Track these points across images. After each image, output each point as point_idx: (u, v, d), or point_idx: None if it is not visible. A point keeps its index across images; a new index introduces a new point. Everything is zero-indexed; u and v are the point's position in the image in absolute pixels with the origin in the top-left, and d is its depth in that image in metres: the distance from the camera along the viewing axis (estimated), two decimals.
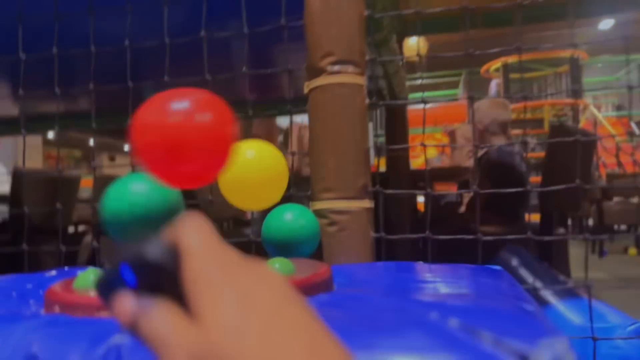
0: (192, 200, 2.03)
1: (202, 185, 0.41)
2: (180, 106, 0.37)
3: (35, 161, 5.23)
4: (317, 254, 0.72)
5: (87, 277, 0.46)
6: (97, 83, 0.98)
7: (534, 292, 1.13)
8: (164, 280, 0.24)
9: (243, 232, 2.30)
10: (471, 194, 2.22)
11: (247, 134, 2.43)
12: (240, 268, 0.24)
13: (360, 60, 0.72)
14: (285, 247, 0.67)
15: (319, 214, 0.72)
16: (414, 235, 0.75)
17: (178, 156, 0.38)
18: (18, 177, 2.32)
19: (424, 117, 0.81)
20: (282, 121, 2.82)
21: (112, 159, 7.84)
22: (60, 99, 1.03)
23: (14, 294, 0.52)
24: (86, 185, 2.99)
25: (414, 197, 2.43)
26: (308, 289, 0.44)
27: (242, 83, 1.72)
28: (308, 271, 0.49)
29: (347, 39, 0.71)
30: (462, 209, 2.26)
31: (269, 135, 2.54)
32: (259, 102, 1.99)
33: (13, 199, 2.36)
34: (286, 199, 0.76)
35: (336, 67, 0.71)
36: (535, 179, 3.34)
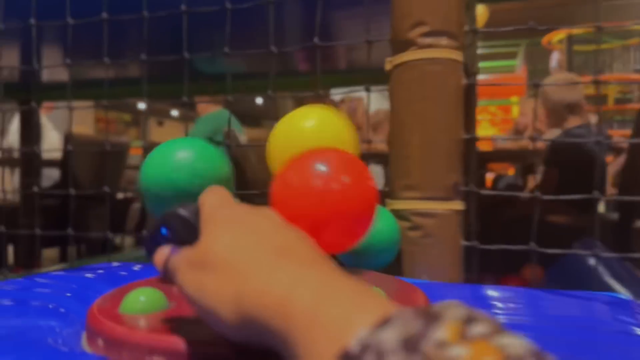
0: (242, 178, 1.96)
1: (345, 251, 0.37)
2: (325, 170, 0.34)
3: (86, 124, 5.31)
4: (394, 265, 0.62)
5: (136, 299, 0.38)
6: (150, 51, 0.90)
7: None
8: (192, 234, 0.30)
9: None
10: (537, 179, 2.06)
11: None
12: (242, 209, 0.29)
13: (458, 32, 0.60)
14: (359, 255, 0.57)
15: (398, 215, 0.61)
16: (514, 247, 0.63)
17: (324, 225, 0.34)
18: (69, 143, 2.31)
19: (535, 107, 0.68)
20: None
21: (160, 124, 7.94)
22: (111, 66, 0.96)
23: (50, 307, 0.44)
24: (135, 152, 2.98)
25: (483, 176, 2.29)
26: None
27: (297, 53, 1.61)
28: (403, 303, 0.39)
29: (445, 5, 0.59)
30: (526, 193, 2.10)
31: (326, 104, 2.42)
32: (311, 72, 1.88)
33: (64, 164, 2.37)
34: None
35: (428, 40, 0.59)
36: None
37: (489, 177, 3.15)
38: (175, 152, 0.41)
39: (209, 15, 0.77)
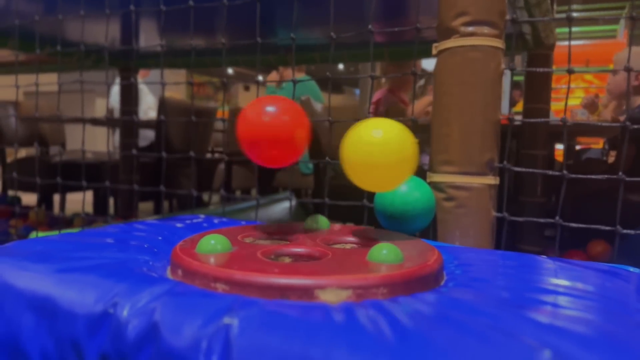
0: (317, 145, 2.07)
1: (283, 166, 0.60)
2: (270, 109, 0.57)
3: (179, 88, 5.65)
4: (429, 230, 0.70)
5: (208, 242, 0.49)
6: (233, 28, 1.01)
7: None
8: None
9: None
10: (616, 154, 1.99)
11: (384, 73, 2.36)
12: None
13: (499, 21, 0.65)
14: (397, 220, 0.66)
15: (436, 187, 0.69)
16: (541, 220, 0.69)
17: (268, 144, 0.57)
18: (163, 106, 2.53)
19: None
20: (428, 64, 2.65)
21: (246, 88, 8.22)
22: (199, 38, 1.08)
23: (145, 246, 0.57)
24: (221, 115, 3.18)
25: (552, 147, 2.24)
26: (413, 285, 0.43)
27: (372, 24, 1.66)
28: (416, 260, 0.47)
29: None
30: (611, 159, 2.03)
31: (405, 77, 2.44)
32: (390, 43, 1.91)
33: (158, 125, 2.59)
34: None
35: (470, 29, 0.64)
36: None
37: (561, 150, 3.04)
38: None
39: None
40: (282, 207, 1.71)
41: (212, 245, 0.49)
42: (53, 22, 1.12)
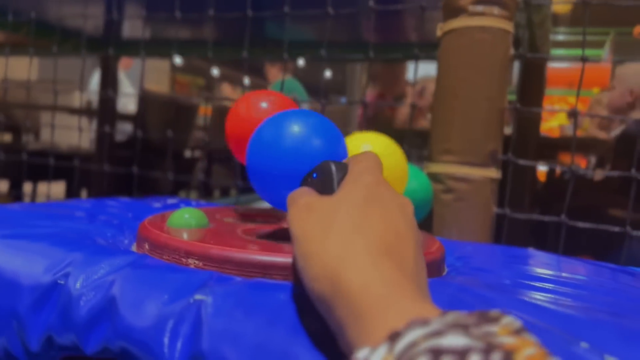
0: None
1: None
2: (261, 104, 0.51)
3: (163, 85, 5.55)
4: (425, 223, 0.64)
5: (182, 216, 0.43)
6: (220, 18, 0.96)
7: None
8: (329, 187, 0.31)
9: None
10: (604, 172, 1.97)
11: (372, 78, 2.32)
12: (383, 186, 0.29)
13: (510, 2, 0.60)
14: None
15: (434, 177, 0.64)
16: (544, 217, 0.64)
17: None
18: (143, 100, 2.44)
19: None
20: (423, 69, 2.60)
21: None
22: (183, 24, 1.02)
23: (115, 222, 0.51)
24: (204, 113, 3.10)
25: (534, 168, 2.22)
26: None
27: (363, 22, 1.62)
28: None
29: None
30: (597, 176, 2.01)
31: (396, 81, 2.40)
32: (382, 44, 1.87)
33: (137, 120, 2.51)
34: None
35: (479, 8, 0.60)
36: None
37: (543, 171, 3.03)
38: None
39: None
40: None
41: (186, 219, 0.43)
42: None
